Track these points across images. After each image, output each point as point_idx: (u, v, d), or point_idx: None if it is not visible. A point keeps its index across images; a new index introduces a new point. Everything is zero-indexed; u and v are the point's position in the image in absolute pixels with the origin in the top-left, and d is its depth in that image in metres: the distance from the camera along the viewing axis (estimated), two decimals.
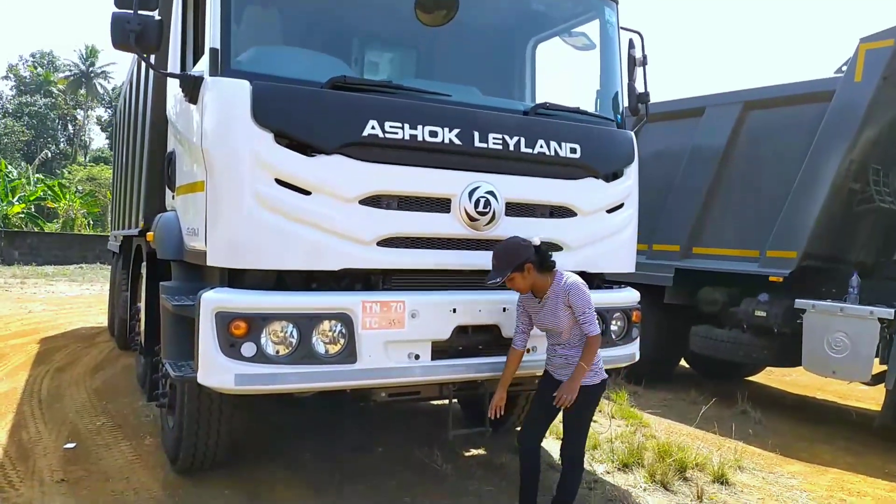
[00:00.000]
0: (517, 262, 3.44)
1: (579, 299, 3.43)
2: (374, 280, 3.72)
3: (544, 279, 3.52)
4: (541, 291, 3.54)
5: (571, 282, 3.50)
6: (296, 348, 3.35)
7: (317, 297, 3.44)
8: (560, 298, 3.47)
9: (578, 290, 3.46)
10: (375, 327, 3.48)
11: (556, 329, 3.52)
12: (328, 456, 4.88)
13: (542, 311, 3.55)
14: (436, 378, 3.71)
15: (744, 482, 4.82)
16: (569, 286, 3.47)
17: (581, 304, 3.43)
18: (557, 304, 3.47)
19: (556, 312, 3.48)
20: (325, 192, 3.41)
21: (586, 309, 3.44)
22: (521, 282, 3.48)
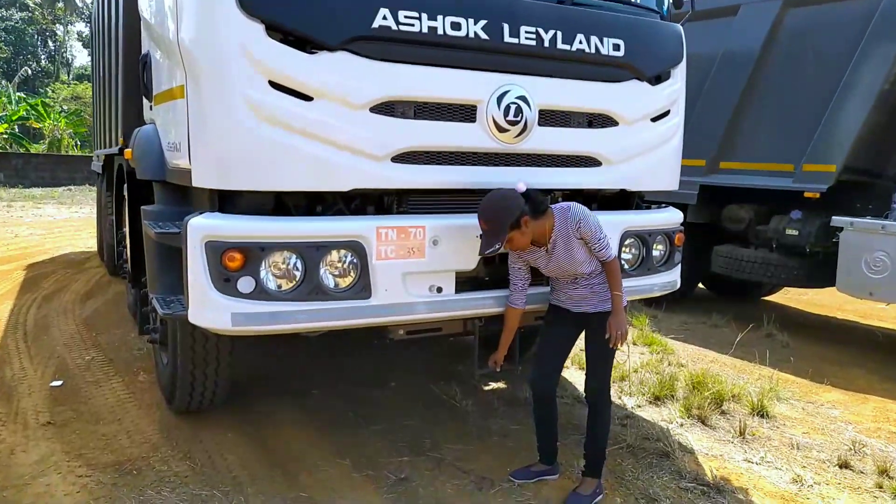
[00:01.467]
0: (511, 218, 2.92)
1: (590, 226, 3.00)
2: (389, 202, 3.21)
3: (542, 224, 3.04)
4: (543, 238, 3.07)
5: (576, 212, 3.03)
6: (301, 282, 2.88)
7: (323, 222, 2.94)
8: (571, 234, 3.02)
9: (587, 217, 3.01)
10: (392, 257, 3.00)
11: (572, 270, 3.11)
12: (338, 392, 4.52)
13: (554, 256, 3.10)
14: (461, 313, 3.27)
15: (784, 414, 4.50)
16: (577, 218, 3.01)
17: (594, 229, 3.00)
18: (569, 241, 3.04)
19: (571, 251, 3.05)
20: (329, 97, 2.84)
21: (599, 233, 3.01)
22: (522, 238, 2.98)
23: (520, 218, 2.93)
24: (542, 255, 3.12)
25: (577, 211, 3.02)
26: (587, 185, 3.57)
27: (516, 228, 2.93)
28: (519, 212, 2.93)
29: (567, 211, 3.04)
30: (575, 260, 3.04)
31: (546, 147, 3.37)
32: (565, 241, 3.03)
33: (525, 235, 2.97)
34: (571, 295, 3.19)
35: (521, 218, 2.93)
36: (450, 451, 3.69)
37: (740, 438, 4.00)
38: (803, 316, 7.97)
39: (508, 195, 2.98)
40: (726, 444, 3.95)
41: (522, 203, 2.96)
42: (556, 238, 3.04)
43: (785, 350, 6.14)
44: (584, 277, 3.11)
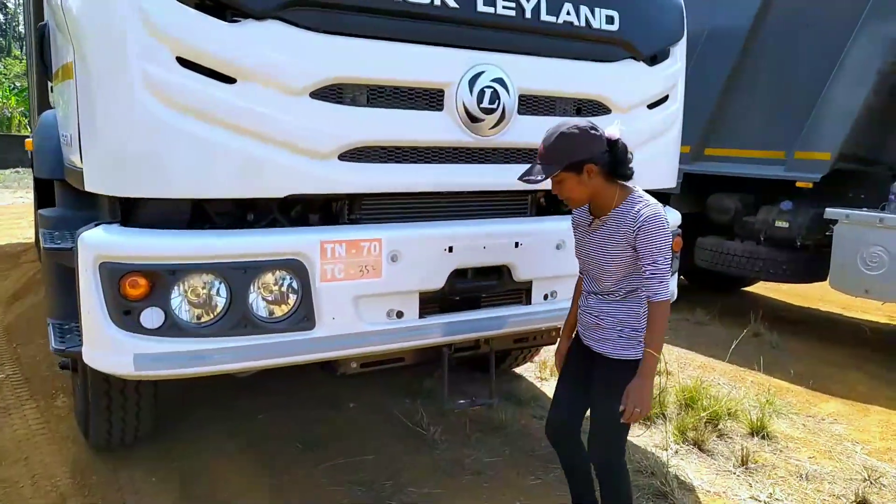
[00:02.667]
0: (576, 157, 2.27)
1: (654, 242, 2.24)
2: (338, 209, 2.63)
3: (610, 192, 2.35)
4: (600, 209, 2.40)
5: (650, 213, 2.27)
6: (225, 313, 2.30)
7: (253, 237, 2.35)
8: (624, 229, 2.31)
9: (656, 228, 2.25)
10: (340, 277, 2.43)
11: (596, 268, 2.45)
12: (288, 415, 3.95)
13: (591, 236, 2.46)
14: (426, 342, 2.71)
15: (785, 433, 4.07)
16: (644, 218, 2.27)
17: (654, 249, 2.25)
18: (616, 234, 2.34)
19: (607, 245, 2.37)
20: (258, 78, 2.25)
21: (659, 258, 2.24)
22: (576, 188, 2.33)
23: (586, 162, 2.27)
24: (586, 226, 2.49)
25: (652, 213, 2.27)
26: None
27: (575, 171, 2.29)
28: (589, 155, 2.27)
29: (640, 204, 2.31)
30: (606, 259, 2.37)
31: (528, 140, 2.80)
32: (614, 230, 2.34)
33: (582, 187, 2.32)
34: (584, 321, 2.54)
35: (588, 164, 2.28)
36: (415, 493, 3.16)
37: (743, 468, 3.55)
38: (787, 309, 7.62)
39: (591, 131, 2.30)
40: (728, 475, 3.50)
41: (601, 149, 2.30)
42: (611, 219, 2.36)
43: (775, 351, 5.76)
44: (600, 298, 2.47)
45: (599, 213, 2.42)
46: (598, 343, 2.48)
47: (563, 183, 2.34)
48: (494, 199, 2.94)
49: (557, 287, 2.98)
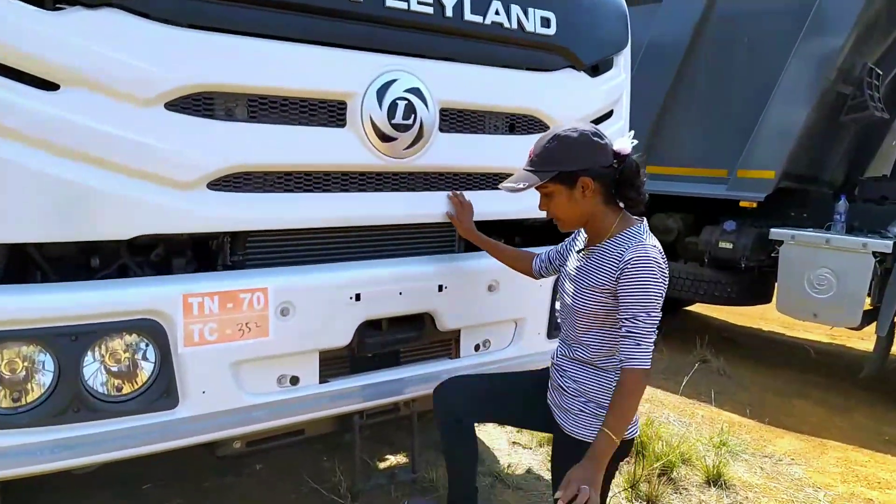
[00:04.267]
0: (570, 165, 1.87)
1: (636, 291, 1.80)
2: (215, 249, 2.10)
3: (608, 218, 1.93)
4: (595, 236, 1.98)
5: (641, 254, 1.83)
6: (50, 394, 1.73)
7: (90, 291, 1.79)
8: (607, 267, 1.89)
9: (644, 275, 1.81)
10: (212, 339, 1.90)
11: (566, 312, 2.03)
12: (182, 481, 3.33)
13: (575, 267, 2.02)
14: (329, 412, 2.19)
15: (743, 480, 3.71)
16: (630, 259, 1.83)
17: (636, 301, 1.80)
18: (598, 272, 1.91)
19: (583, 283, 1.95)
20: (91, 83, 1.70)
21: (640, 314, 1.80)
22: (565, 205, 1.92)
23: (581, 174, 1.86)
24: (573, 254, 2.08)
25: (644, 253, 1.82)
26: (511, 214, 2.58)
27: (567, 184, 1.88)
28: (586, 166, 1.86)
29: (636, 240, 1.86)
30: (584, 301, 1.93)
31: (451, 163, 2.35)
32: (598, 266, 1.91)
33: (573, 205, 1.91)
34: (554, 363, 2.11)
35: (583, 176, 1.86)
36: None
37: None
38: (730, 330, 7.43)
39: (593, 138, 1.89)
40: None
41: (604, 162, 1.88)
42: (604, 251, 1.92)
43: (722, 379, 5.48)
44: (570, 350, 2.04)
45: (593, 239, 1.98)
46: (558, 410, 2.05)
47: (552, 197, 1.92)
48: (413, 234, 2.46)
49: (491, 335, 2.53)
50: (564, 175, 1.87)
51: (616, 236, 1.92)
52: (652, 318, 1.81)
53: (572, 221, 1.98)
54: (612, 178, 1.91)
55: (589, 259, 1.96)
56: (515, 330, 2.60)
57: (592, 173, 1.88)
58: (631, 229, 1.92)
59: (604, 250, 1.92)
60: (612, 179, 1.91)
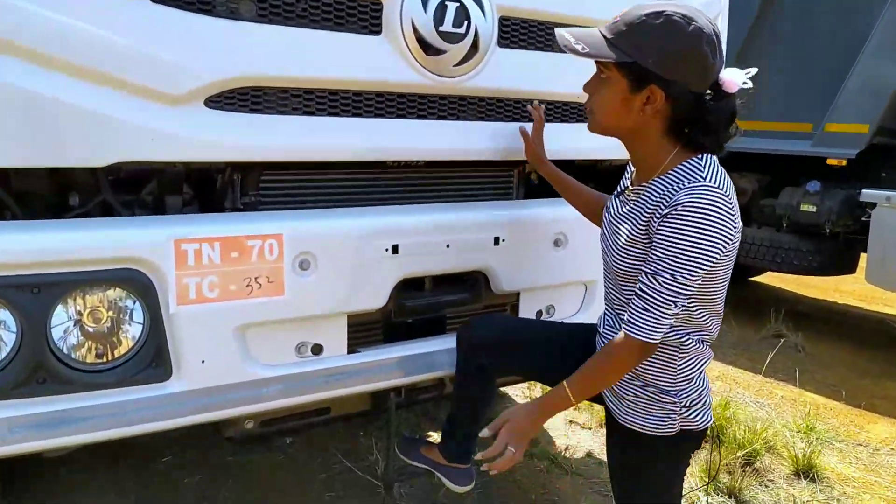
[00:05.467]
0: (656, 66, 1.35)
1: (674, 240, 1.34)
2: (221, 188, 1.70)
3: (662, 149, 1.45)
4: (642, 170, 1.52)
5: (698, 194, 1.34)
6: (10, 359, 1.38)
7: (58, 232, 1.42)
8: (651, 208, 1.43)
9: (691, 220, 1.33)
10: (212, 297, 1.51)
11: (607, 266, 1.60)
12: (203, 455, 3.03)
13: (617, 210, 1.58)
14: (359, 388, 1.80)
15: (837, 471, 3.23)
16: (682, 203, 1.34)
17: (666, 253, 1.35)
18: (642, 214, 1.45)
19: (622, 228, 1.51)
20: None
21: (664, 273, 1.35)
22: (611, 104, 1.44)
23: (655, 80, 1.37)
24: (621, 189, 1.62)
25: (699, 199, 1.33)
26: (586, 154, 2.11)
27: (632, 79, 1.39)
28: (669, 76, 1.36)
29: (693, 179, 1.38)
30: (618, 252, 1.51)
31: (512, 86, 1.89)
32: (640, 208, 1.47)
33: (620, 109, 1.43)
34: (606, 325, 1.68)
35: (655, 85, 1.38)
36: None
37: None
38: (803, 303, 6.83)
39: (703, 54, 1.35)
40: None
41: (696, 86, 1.38)
42: (645, 189, 1.48)
43: (801, 357, 4.95)
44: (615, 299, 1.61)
45: (639, 175, 1.52)
46: (609, 394, 1.62)
47: (605, 85, 1.44)
48: (462, 175, 2.02)
49: (556, 300, 2.09)
50: (638, 70, 1.37)
51: (669, 172, 1.44)
52: (677, 284, 1.35)
53: (605, 126, 1.49)
54: (693, 109, 1.41)
55: (635, 200, 1.50)
56: (585, 294, 2.15)
57: (673, 91, 1.38)
58: (690, 162, 1.42)
59: (651, 190, 1.45)
60: (692, 111, 1.41)
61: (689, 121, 1.42)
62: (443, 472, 2.00)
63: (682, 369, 1.51)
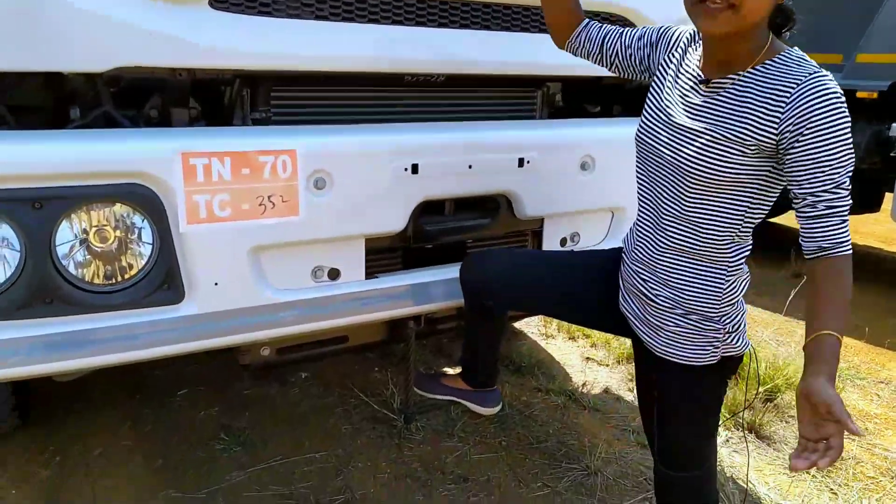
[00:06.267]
0: None
1: (837, 143, 1.22)
2: (231, 101, 1.60)
3: (762, 37, 1.31)
4: (733, 58, 1.33)
5: (831, 87, 1.22)
6: (16, 279, 1.31)
7: (51, 142, 1.32)
8: (767, 102, 1.27)
9: (841, 121, 1.22)
10: (224, 216, 1.43)
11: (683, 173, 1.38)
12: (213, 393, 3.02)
13: (689, 110, 1.39)
14: (378, 315, 1.73)
15: (858, 408, 3.19)
16: (822, 96, 1.20)
17: (837, 158, 1.23)
18: (748, 110, 1.29)
19: (720, 129, 1.32)
20: None
21: (843, 176, 1.25)
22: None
23: None
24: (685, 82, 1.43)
25: (835, 88, 1.23)
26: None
27: None
28: None
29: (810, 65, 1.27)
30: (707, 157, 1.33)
31: None
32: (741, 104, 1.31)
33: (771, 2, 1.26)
34: (633, 261, 1.54)
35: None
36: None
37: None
38: None
39: None
40: (801, 478, 2.61)
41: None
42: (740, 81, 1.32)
43: None
44: (681, 236, 1.43)
45: (723, 66, 1.35)
46: (643, 326, 1.53)
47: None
48: (484, 94, 1.91)
49: (580, 227, 2.00)
50: None
51: (766, 63, 1.30)
52: (849, 182, 1.26)
53: (753, 20, 1.26)
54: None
55: (719, 96, 1.35)
56: (612, 221, 2.06)
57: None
58: (788, 52, 1.29)
59: (749, 83, 1.31)
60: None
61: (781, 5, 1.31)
62: (470, 397, 1.96)
63: (728, 292, 1.42)
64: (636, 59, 1.58)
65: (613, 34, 1.60)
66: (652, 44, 1.56)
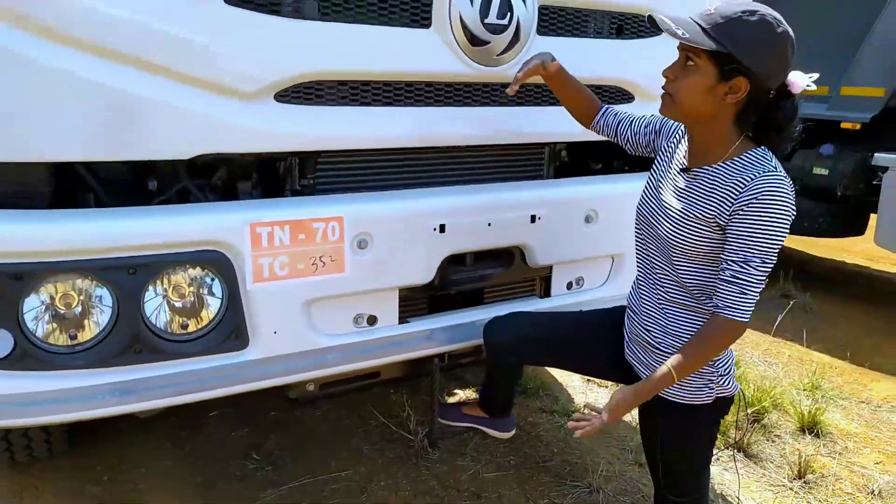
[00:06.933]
0: (749, 59, 1.45)
1: (758, 231, 1.49)
2: (282, 171, 1.85)
3: (728, 137, 1.58)
4: (703, 153, 1.62)
5: (776, 187, 1.49)
6: (108, 332, 1.55)
7: (148, 218, 1.57)
8: (723, 194, 1.55)
9: (774, 213, 1.48)
10: (283, 275, 1.68)
11: (661, 239, 1.68)
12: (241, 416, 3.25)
13: (674, 186, 1.67)
14: (410, 354, 1.98)
15: (840, 427, 3.43)
16: (762, 191, 1.48)
17: (755, 243, 1.49)
18: (710, 198, 1.57)
19: (691, 209, 1.60)
20: None
21: (754, 259, 1.49)
22: (696, 91, 1.52)
23: (744, 73, 1.47)
24: (675, 164, 1.71)
25: (778, 187, 1.49)
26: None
27: (721, 72, 1.48)
28: (755, 68, 1.46)
29: (764, 168, 1.52)
30: (681, 228, 1.61)
31: None
32: (707, 192, 1.58)
33: (704, 98, 1.52)
34: (636, 307, 1.81)
35: (743, 78, 1.48)
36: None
37: (800, 483, 2.90)
38: (812, 262, 6.95)
39: (786, 54, 1.52)
40: (785, 492, 2.86)
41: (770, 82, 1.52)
42: (713, 176, 1.58)
43: (809, 316, 5.09)
44: (670, 287, 1.71)
45: (699, 158, 1.63)
46: (648, 371, 1.76)
47: (692, 73, 1.51)
48: (499, 156, 2.16)
49: (585, 272, 2.25)
50: (729, 61, 1.46)
51: (734, 160, 1.57)
52: (767, 265, 1.50)
53: (686, 112, 1.57)
54: (767, 105, 1.54)
55: (696, 182, 1.61)
56: (612, 266, 2.31)
57: (755, 85, 1.49)
58: (755, 152, 1.56)
59: (718, 174, 1.57)
60: (766, 107, 1.55)
61: (760, 115, 1.55)
62: (487, 424, 2.21)
63: None
64: (643, 142, 1.88)
65: (626, 121, 1.91)
66: (656, 131, 1.84)
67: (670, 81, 1.56)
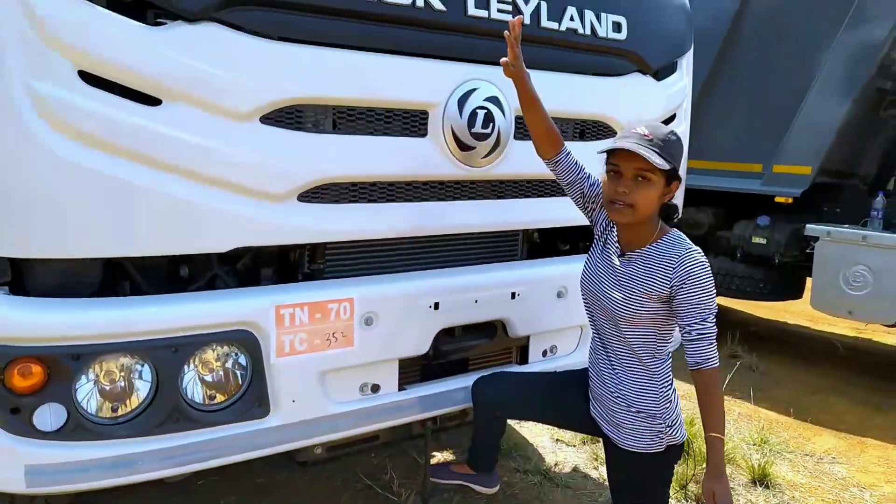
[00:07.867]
0: (678, 166, 1.91)
1: (702, 297, 1.85)
2: (296, 258, 2.11)
3: (654, 223, 1.97)
4: (635, 241, 1.98)
5: (700, 261, 1.89)
6: (149, 404, 1.76)
7: (187, 304, 1.81)
8: (660, 273, 1.89)
9: (705, 280, 1.86)
10: (302, 350, 1.92)
11: (611, 319, 2.00)
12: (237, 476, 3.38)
13: (614, 273, 2.00)
14: (407, 418, 2.22)
15: (788, 479, 3.73)
16: (692, 267, 1.86)
17: (703, 307, 1.85)
18: (651, 278, 1.91)
19: (635, 290, 1.92)
20: (191, 99, 1.71)
21: (709, 316, 1.85)
22: (652, 198, 1.88)
23: (676, 175, 1.90)
24: (608, 256, 2.05)
25: (701, 261, 1.89)
26: (576, 220, 2.57)
27: (666, 180, 1.89)
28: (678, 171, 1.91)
29: (683, 247, 1.91)
30: (629, 307, 1.93)
31: (525, 170, 2.36)
32: (645, 274, 1.92)
33: (656, 202, 1.90)
34: (594, 369, 2.13)
35: (675, 179, 1.91)
36: None
37: None
38: (755, 323, 7.41)
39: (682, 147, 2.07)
40: None
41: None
42: (646, 257, 1.94)
43: (755, 375, 5.48)
44: (620, 355, 2.02)
45: (633, 244, 1.98)
46: (607, 425, 2.08)
47: (647, 186, 1.87)
48: (481, 242, 2.47)
49: (557, 341, 2.54)
50: (672, 172, 1.88)
51: (659, 242, 1.94)
52: (714, 318, 1.88)
53: (645, 215, 1.91)
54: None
55: (633, 264, 1.96)
56: (581, 335, 2.62)
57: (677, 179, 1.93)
58: (672, 234, 1.96)
59: (650, 256, 1.94)
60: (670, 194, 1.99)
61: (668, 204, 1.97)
62: (475, 480, 2.44)
63: (662, 393, 1.98)
64: (591, 205, 2.18)
65: (585, 173, 2.17)
66: (600, 206, 2.16)
67: (631, 196, 1.89)
